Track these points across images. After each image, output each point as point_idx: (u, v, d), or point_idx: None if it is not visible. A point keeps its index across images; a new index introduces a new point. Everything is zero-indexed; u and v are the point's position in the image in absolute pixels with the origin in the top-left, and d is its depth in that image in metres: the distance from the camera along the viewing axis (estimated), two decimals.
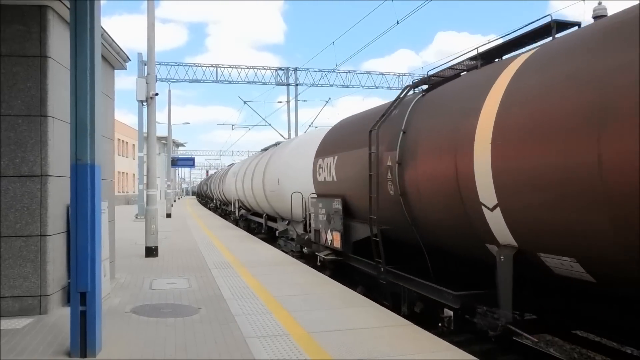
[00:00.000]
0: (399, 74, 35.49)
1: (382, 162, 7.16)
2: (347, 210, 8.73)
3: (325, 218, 9.52)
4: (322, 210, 9.70)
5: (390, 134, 7.12)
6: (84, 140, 4.86)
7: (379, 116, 7.62)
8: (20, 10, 6.36)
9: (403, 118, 6.91)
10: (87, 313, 4.79)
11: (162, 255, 11.98)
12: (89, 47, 4.88)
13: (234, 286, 8.20)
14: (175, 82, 33.00)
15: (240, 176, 23.04)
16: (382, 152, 7.23)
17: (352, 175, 8.43)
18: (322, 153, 10.16)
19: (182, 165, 43.73)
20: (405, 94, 7.50)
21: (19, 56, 6.35)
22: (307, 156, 12.01)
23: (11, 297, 6.23)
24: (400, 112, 7.19)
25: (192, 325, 5.90)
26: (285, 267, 10.11)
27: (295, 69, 34.86)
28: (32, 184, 6.32)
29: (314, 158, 10.60)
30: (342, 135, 9.51)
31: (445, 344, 5.14)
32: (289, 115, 35.26)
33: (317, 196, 10.35)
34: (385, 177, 7.05)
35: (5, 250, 6.24)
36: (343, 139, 9.33)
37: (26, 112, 6.33)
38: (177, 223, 23.67)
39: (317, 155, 10.52)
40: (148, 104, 12.72)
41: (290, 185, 13.09)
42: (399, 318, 6.20)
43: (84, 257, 4.83)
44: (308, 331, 5.58)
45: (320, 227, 9.92)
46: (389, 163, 6.98)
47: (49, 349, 5.03)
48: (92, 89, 4.89)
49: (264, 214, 18.64)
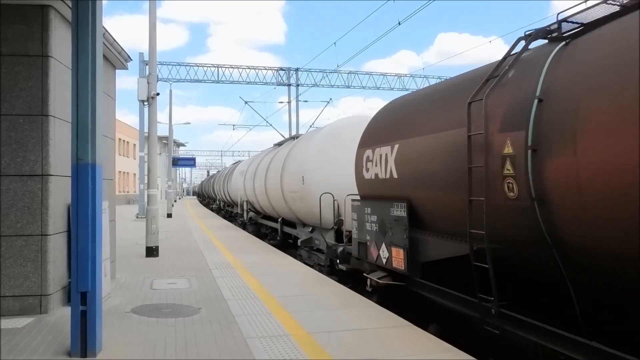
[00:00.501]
0: (400, 75, 35.53)
1: (494, 149, 4.81)
2: (415, 219, 6.34)
3: (377, 227, 7.20)
4: (372, 217, 7.35)
5: (508, 106, 4.80)
6: (85, 140, 4.86)
7: (474, 84, 5.33)
8: (22, 10, 6.37)
9: (534, 80, 4.62)
10: (88, 313, 4.79)
11: (163, 255, 11.98)
12: (91, 47, 4.88)
13: (234, 286, 8.20)
14: (176, 82, 33.03)
15: (249, 175, 20.01)
16: (492, 134, 4.83)
17: (424, 169, 6.09)
18: (371, 142, 7.71)
19: (183, 165, 43.76)
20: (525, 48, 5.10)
21: (21, 56, 6.36)
22: (344, 148, 10.47)
23: (12, 297, 6.24)
24: (524, 72, 4.86)
25: (192, 325, 5.90)
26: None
27: (296, 70, 34.88)
28: (33, 183, 6.32)
29: (357, 150, 8.22)
30: (407, 117, 7.05)
31: (446, 345, 5.13)
32: (289, 116, 35.28)
33: (362, 198, 7.98)
34: (500, 171, 4.74)
35: (5, 249, 6.25)
36: (408, 120, 6.88)
37: (28, 111, 6.34)
38: (178, 223, 23.68)
39: (363, 145, 8.07)
40: (149, 103, 12.73)
41: (319, 185, 10.78)
42: (400, 319, 6.19)
43: (85, 257, 4.83)
44: (308, 332, 5.58)
45: (367, 239, 7.53)
46: (507, 150, 4.72)
47: (50, 349, 5.03)
48: (93, 89, 4.89)
49: (279, 218, 15.77)
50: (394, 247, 6.79)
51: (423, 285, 6.30)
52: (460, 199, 5.23)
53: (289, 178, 13.09)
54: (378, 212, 7.23)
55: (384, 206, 7.02)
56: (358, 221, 7.94)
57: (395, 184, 6.80)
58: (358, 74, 35.08)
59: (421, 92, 7.73)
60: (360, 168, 8.05)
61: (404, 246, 6.51)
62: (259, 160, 19.25)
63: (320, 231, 10.90)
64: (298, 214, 13.01)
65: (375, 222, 7.33)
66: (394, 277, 6.88)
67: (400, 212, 6.60)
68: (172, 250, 12.95)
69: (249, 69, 33.96)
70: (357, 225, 8.01)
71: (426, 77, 34.95)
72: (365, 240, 7.64)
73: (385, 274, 7.06)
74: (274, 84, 34.83)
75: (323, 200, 10.27)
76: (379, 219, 7.17)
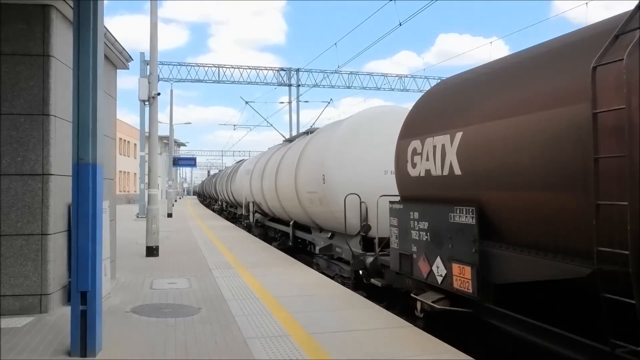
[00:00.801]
0: (401, 76, 35.55)
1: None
2: (487, 228, 4.92)
3: (429, 237, 5.81)
4: (421, 224, 5.95)
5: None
6: (86, 140, 4.86)
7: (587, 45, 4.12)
8: (23, 10, 6.37)
9: None
10: (88, 312, 4.79)
11: (163, 255, 11.98)
12: (92, 47, 4.88)
13: (234, 286, 8.20)
14: (177, 82, 33.08)
15: (257, 174, 18.08)
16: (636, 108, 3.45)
17: (504, 163, 4.68)
18: (420, 131, 6.26)
19: (184, 165, 43.72)
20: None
21: (22, 55, 6.36)
22: (372, 142, 9.36)
23: (12, 296, 6.24)
24: None
25: (192, 325, 5.90)
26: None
27: (297, 70, 34.90)
28: (33, 182, 6.33)
29: (398, 142, 6.81)
30: (472, 97, 5.57)
31: (446, 346, 5.13)
32: (290, 116, 35.31)
33: (404, 200, 6.60)
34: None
35: (6, 248, 6.25)
36: (475, 101, 5.42)
37: (28, 110, 6.34)
38: (178, 223, 23.69)
39: (407, 135, 6.59)
40: (150, 103, 12.74)
41: (343, 185, 9.24)
42: (400, 320, 6.19)
43: (85, 257, 4.83)
44: (308, 332, 5.57)
45: (413, 251, 6.14)
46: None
47: (49, 348, 5.02)
48: (94, 89, 4.90)
49: (290, 222, 14.06)
50: (455, 263, 5.30)
51: (501, 315, 4.86)
52: (570, 202, 3.91)
53: (305, 177, 11.38)
54: (430, 217, 5.77)
55: (439, 211, 5.57)
56: (399, 228, 6.49)
57: (457, 183, 5.33)
58: (359, 74, 35.12)
59: (491, 66, 5.79)
60: (402, 163, 6.54)
61: (472, 263, 5.01)
62: (267, 158, 17.28)
63: (344, 238, 9.19)
64: (315, 217, 11.41)
65: (425, 230, 5.88)
66: (452, 301, 5.53)
67: (465, 218, 5.14)
68: (172, 250, 12.95)
69: (249, 69, 34.00)
70: (397, 233, 6.57)
71: (427, 78, 34.97)
72: (410, 251, 6.18)
73: (441, 296, 5.64)
74: (275, 84, 34.87)
75: (349, 203, 8.74)
76: (432, 226, 5.73)
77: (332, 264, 10.57)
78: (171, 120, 35.55)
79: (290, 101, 35.13)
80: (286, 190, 13.22)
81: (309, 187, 10.97)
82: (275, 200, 14.92)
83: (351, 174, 9.33)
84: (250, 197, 19.72)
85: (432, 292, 5.82)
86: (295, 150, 13.33)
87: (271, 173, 15.22)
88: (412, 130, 6.50)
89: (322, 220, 11.02)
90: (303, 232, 13.25)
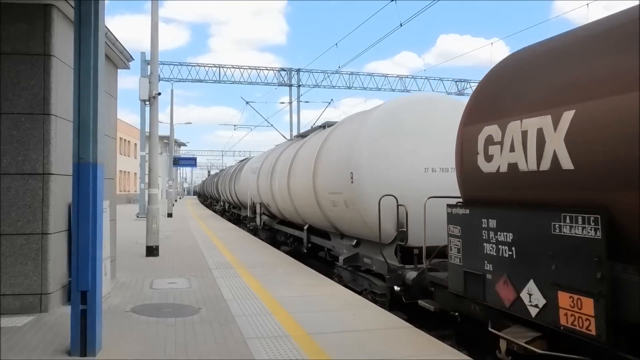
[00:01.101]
0: (402, 76, 35.57)
1: None
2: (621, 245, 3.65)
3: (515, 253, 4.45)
4: (503, 235, 4.62)
5: None
6: (87, 139, 4.87)
7: None
8: (24, 9, 6.37)
9: None
10: (88, 312, 4.79)
11: (163, 254, 11.98)
12: (93, 47, 4.89)
13: (234, 287, 8.20)
14: (177, 82, 33.11)
15: (265, 172, 16.42)
16: None
17: None
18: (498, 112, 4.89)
19: (184, 165, 43.74)
20: None
21: (23, 54, 6.36)
22: (410, 133, 7.96)
23: (12, 295, 6.24)
24: None
25: (192, 325, 5.90)
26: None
27: (297, 70, 34.92)
28: (34, 182, 6.33)
29: (462, 128, 5.42)
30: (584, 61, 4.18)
31: (446, 347, 5.13)
32: (291, 116, 35.32)
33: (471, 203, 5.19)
34: None
35: (6, 248, 6.25)
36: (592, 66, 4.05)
37: (29, 110, 6.34)
38: (179, 223, 23.69)
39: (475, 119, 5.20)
40: (151, 103, 12.74)
41: (378, 185, 7.75)
42: (400, 320, 6.19)
43: (85, 256, 4.83)
44: (308, 332, 5.57)
45: (488, 270, 4.78)
46: None
47: (49, 348, 5.02)
48: (95, 88, 4.90)
49: (305, 226, 12.47)
50: (564, 292, 3.95)
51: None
52: None
53: (326, 176, 9.79)
54: (518, 227, 4.43)
55: (534, 218, 4.25)
56: (463, 239, 5.16)
57: (566, 181, 4.03)
58: (359, 75, 35.15)
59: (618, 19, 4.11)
60: (470, 157, 5.15)
61: (597, 293, 3.64)
62: (277, 155, 15.59)
63: (376, 247, 7.87)
64: (337, 222, 9.86)
65: (508, 244, 4.54)
66: (550, 342, 4.23)
67: (582, 230, 3.80)
68: (172, 250, 12.95)
69: (250, 70, 34.02)
70: (459, 246, 5.23)
71: (427, 79, 34.98)
72: (482, 270, 4.81)
73: (537, 334, 4.31)
74: (275, 84, 34.90)
75: (384, 207, 7.42)
76: (520, 239, 4.39)
77: (358, 277, 8.96)
78: (172, 120, 35.57)
79: (290, 101, 35.15)
80: (301, 191, 11.65)
81: (332, 187, 9.38)
82: (287, 201, 13.34)
83: (386, 172, 7.82)
84: (257, 197, 17.97)
85: (521, 327, 4.45)
86: (311, 146, 11.57)
87: (282, 172, 13.68)
88: (485, 113, 5.06)
89: (346, 226, 9.52)
90: (320, 237, 11.57)
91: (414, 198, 7.27)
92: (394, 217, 7.60)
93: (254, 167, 19.79)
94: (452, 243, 5.38)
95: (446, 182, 7.29)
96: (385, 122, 8.17)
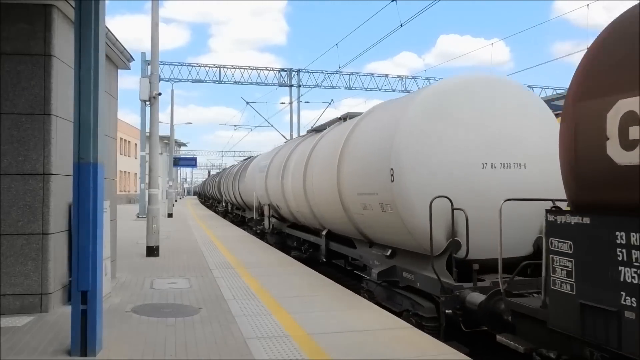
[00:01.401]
0: (402, 77, 35.59)
1: None
2: None
3: None
4: None
5: None
6: (87, 139, 4.87)
7: None
8: (25, 9, 6.38)
9: None
10: (88, 312, 4.80)
11: (163, 254, 11.98)
12: (93, 47, 4.89)
13: (234, 287, 8.20)
14: (178, 82, 33.12)
15: (274, 171, 14.96)
16: None
17: None
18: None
19: (184, 165, 43.81)
20: None
21: (24, 55, 6.36)
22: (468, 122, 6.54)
23: (12, 295, 6.24)
24: None
25: (192, 325, 5.90)
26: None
27: (298, 70, 34.94)
28: (34, 182, 6.33)
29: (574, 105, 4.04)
30: None
31: (447, 348, 5.13)
32: (291, 117, 35.34)
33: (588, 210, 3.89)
34: None
35: (6, 248, 6.25)
36: None
37: (30, 110, 6.34)
38: (179, 223, 23.69)
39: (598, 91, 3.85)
40: (151, 103, 12.75)
41: (426, 183, 6.37)
42: (400, 321, 6.19)
43: (85, 256, 4.83)
44: (308, 333, 5.57)
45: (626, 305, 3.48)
46: None
47: (50, 348, 5.03)
48: (95, 88, 4.90)
49: (323, 231, 10.87)
50: None
51: None
52: None
53: (355, 174, 8.21)
54: None
55: None
56: (578, 259, 3.89)
57: None
58: (360, 75, 35.19)
59: None
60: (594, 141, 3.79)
61: None
62: (288, 152, 14.06)
63: (425, 260, 6.44)
64: (367, 227, 8.28)
65: None
66: None
67: None
68: (172, 250, 12.95)
69: (250, 70, 34.05)
70: (572, 267, 3.95)
71: (427, 79, 34.99)
72: (617, 305, 3.51)
73: None
74: (276, 84, 34.93)
75: (436, 211, 6.07)
76: None
77: (396, 295, 7.37)
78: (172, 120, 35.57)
79: (291, 102, 35.16)
80: (321, 193, 10.09)
81: (363, 187, 7.79)
82: (302, 204, 11.74)
83: (437, 169, 6.41)
84: (266, 198, 16.30)
85: None
86: (332, 141, 10.04)
87: (297, 171, 12.13)
88: (620, 81, 3.67)
89: (379, 232, 7.96)
90: (341, 244, 10.00)
91: (472, 200, 6.18)
92: (447, 224, 6.23)
93: (261, 166, 17.97)
94: (555, 263, 4.12)
95: (509, 181, 6.38)
96: (434, 107, 6.67)
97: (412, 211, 6.47)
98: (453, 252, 6.18)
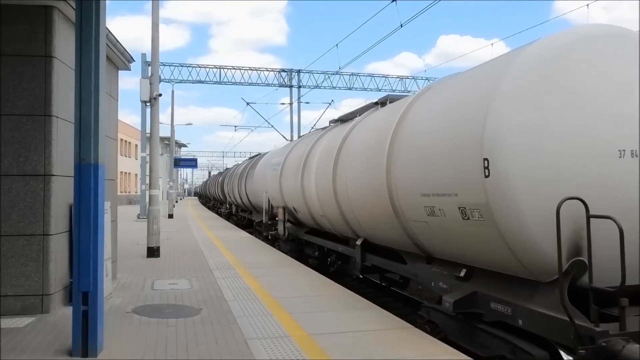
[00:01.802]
0: (402, 77, 35.58)
1: None
2: None
3: None
4: None
5: None
6: (88, 140, 4.88)
7: None
8: (25, 10, 6.39)
9: None
10: (89, 313, 4.80)
11: (164, 255, 11.99)
12: (94, 48, 4.90)
13: (235, 287, 8.20)
14: (178, 82, 33.09)
15: (291, 169, 12.77)
16: None
17: None
18: None
19: (185, 166, 43.74)
20: None
21: (24, 56, 6.37)
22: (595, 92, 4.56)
23: (13, 296, 6.25)
24: None
25: (193, 326, 5.91)
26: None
27: (298, 71, 34.93)
28: (35, 183, 6.34)
29: None
30: None
31: (447, 348, 5.13)
32: (291, 117, 35.32)
33: None
34: None
35: (7, 248, 6.26)
36: None
37: (30, 111, 6.35)
38: (180, 224, 23.70)
39: None
40: (151, 104, 12.76)
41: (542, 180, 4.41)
42: (401, 321, 6.19)
43: (86, 257, 4.84)
44: (309, 333, 5.58)
45: None
46: None
47: (51, 349, 5.03)
48: (96, 90, 4.91)
49: (357, 240, 8.82)
50: None
51: None
52: None
53: (415, 170, 6.07)
54: None
55: None
56: None
57: None
58: (360, 75, 35.13)
59: None
60: None
61: None
62: (308, 147, 11.79)
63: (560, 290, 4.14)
64: (428, 238, 6.23)
65: None
66: None
67: None
68: (173, 251, 12.96)
69: (250, 70, 34.02)
70: None
71: (427, 79, 34.98)
72: None
73: None
74: (276, 85, 34.89)
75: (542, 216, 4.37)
76: None
77: (480, 334, 5.37)
78: (172, 121, 35.60)
79: (291, 102, 35.15)
80: (360, 193, 7.96)
81: (432, 186, 5.64)
82: (331, 207, 9.56)
83: (555, 160, 4.45)
84: (280, 200, 14.03)
85: None
86: (375, 130, 7.92)
87: (322, 168, 10.03)
88: None
89: (450, 245, 5.82)
90: (383, 257, 8.06)
91: (609, 202, 4.39)
92: (570, 237, 4.37)
93: (273, 163, 15.52)
94: None
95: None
96: (546, 73, 4.60)
97: (518, 218, 4.48)
98: (577, 277, 4.30)
